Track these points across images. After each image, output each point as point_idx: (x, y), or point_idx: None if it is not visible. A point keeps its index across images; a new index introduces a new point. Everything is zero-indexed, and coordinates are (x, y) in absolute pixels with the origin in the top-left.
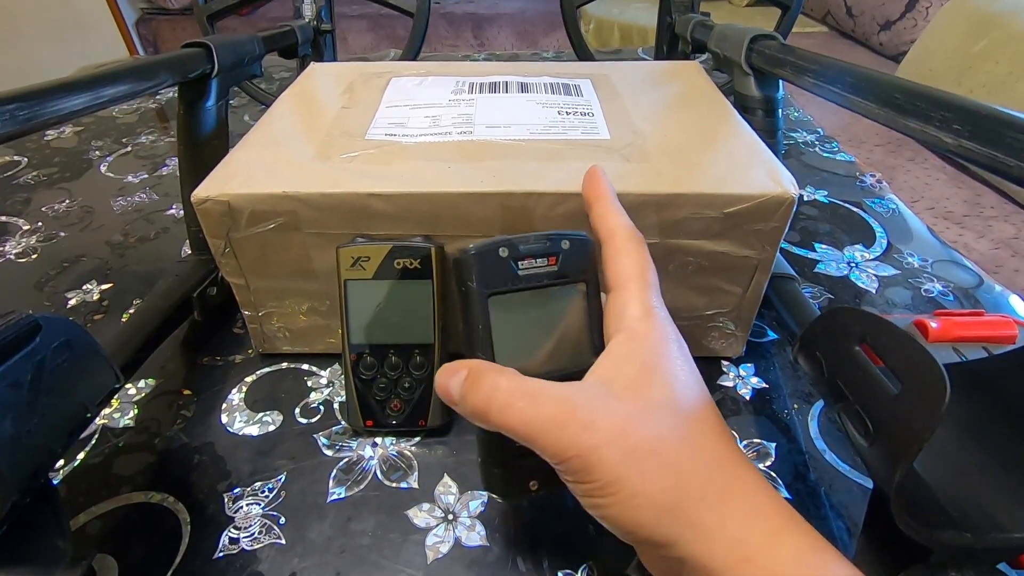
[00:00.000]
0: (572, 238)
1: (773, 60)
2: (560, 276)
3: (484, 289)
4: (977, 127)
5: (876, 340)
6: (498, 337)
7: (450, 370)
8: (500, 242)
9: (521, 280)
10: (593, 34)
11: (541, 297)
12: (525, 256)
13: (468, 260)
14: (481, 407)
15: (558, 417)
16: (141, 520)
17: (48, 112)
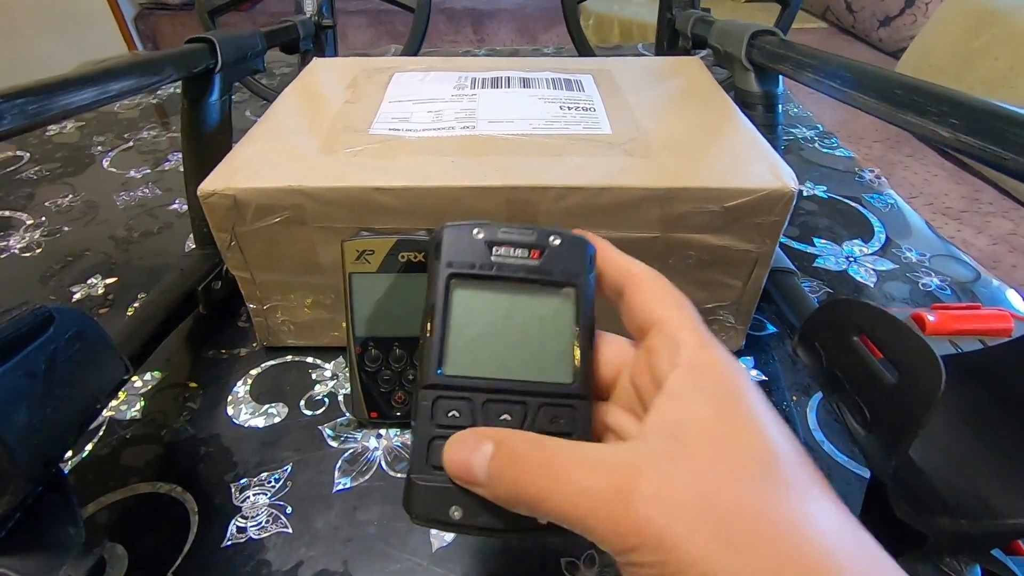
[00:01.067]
0: (565, 236)
1: (773, 56)
2: (542, 273)
3: (446, 267)
4: (975, 122)
5: (874, 331)
6: (455, 326)
7: (467, 443)
8: (478, 224)
9: (493, 266)
10: (593, 30)
11: (516, 293)
12: (503, 242)
13: (439, 234)
14: (519, 492)
15: (616, 490)
16: (150, 510)
17: (56, 107)
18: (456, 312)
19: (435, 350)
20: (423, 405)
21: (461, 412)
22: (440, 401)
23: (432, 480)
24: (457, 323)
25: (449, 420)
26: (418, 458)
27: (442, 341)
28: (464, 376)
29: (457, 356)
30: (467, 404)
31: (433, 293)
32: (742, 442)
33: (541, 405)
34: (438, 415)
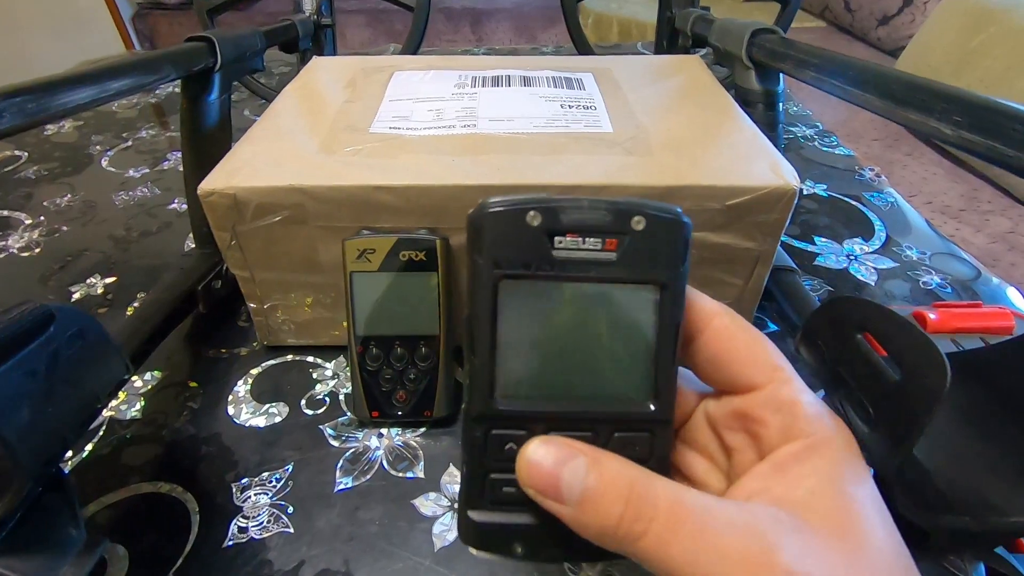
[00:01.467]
0: (653, 214)
1: (774, 54)
2: (622, 270)
3: (493, 267)
4: (977, 118)
5: (877, 328)
6: (508, 344)
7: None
8: (533, 202)
9: (556, 265)
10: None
11: (586, 298)
12: (568, 229)
13: (478, 220)
14: (623, 527)
15: (749, 557)
16: (150, 510)
17: (55, 105)
18: (508, 326)
19: (485, 375)
20: (475, 438)
21: (520, 445)
22: (493, 433)
23: (491, 516)
24: (510, 340)
25: (506, 455)
26: (473, 492)
27: (492, 363)
28: (520, 405)
29: (512, 381)
30: (526, 435)
31: (477, 301)
32: (867, 536)
33: (614, 432)
34: (492, 449)
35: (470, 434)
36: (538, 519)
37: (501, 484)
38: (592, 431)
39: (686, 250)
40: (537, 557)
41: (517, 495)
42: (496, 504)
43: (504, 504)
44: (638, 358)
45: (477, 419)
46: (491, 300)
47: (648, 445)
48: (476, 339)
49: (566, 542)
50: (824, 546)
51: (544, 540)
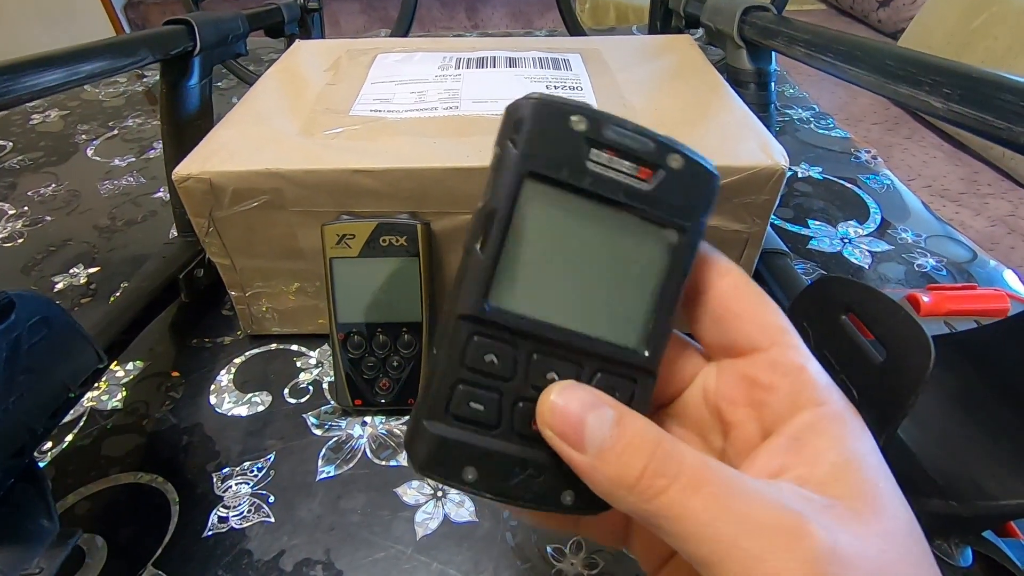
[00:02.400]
0: (691, 157)
1: (765, 31)
2: (648, 203)
3: (524, 160)
4: (966, 90)
5: (863, 309)
6: (517, 245)
7: (582, 396)
8: (582, 108)
9: (587, 177)
10: (589, 13)
11: (607, 220)
12: (609, 144)
13: (520, 108)
14: (644, 480)
15: (780, 528)
16: (130, 500)
17: (22, 87)
18: (523, 226)
19: (484, 272)
20: (455, 338)
21: (501, 359)
22: (475, 339)
23: (448, 431)
24: (521, 242)
25: (484, 366)
26: (434, 401)
27: (496, 261)
28: (515, 314)
29: (511, 286)
30: (510, 351)
31: (496, 190)
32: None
33: (598, 370)
34: (470, 355)
35: (450, 334)
36: (500, 448)
37: (468, 397)
38: (578, 364)
39: (712, 203)
40: (488, 490)
41: (483, 413)
42: (458, 420)
43: (467, 422)
44: (641, 300)
45: (463, 319)
46: (512, 194)
47: (629, 393)
48: (487, 231)
49: (522, 484)
50: (859, 522)
51: (499, 474)
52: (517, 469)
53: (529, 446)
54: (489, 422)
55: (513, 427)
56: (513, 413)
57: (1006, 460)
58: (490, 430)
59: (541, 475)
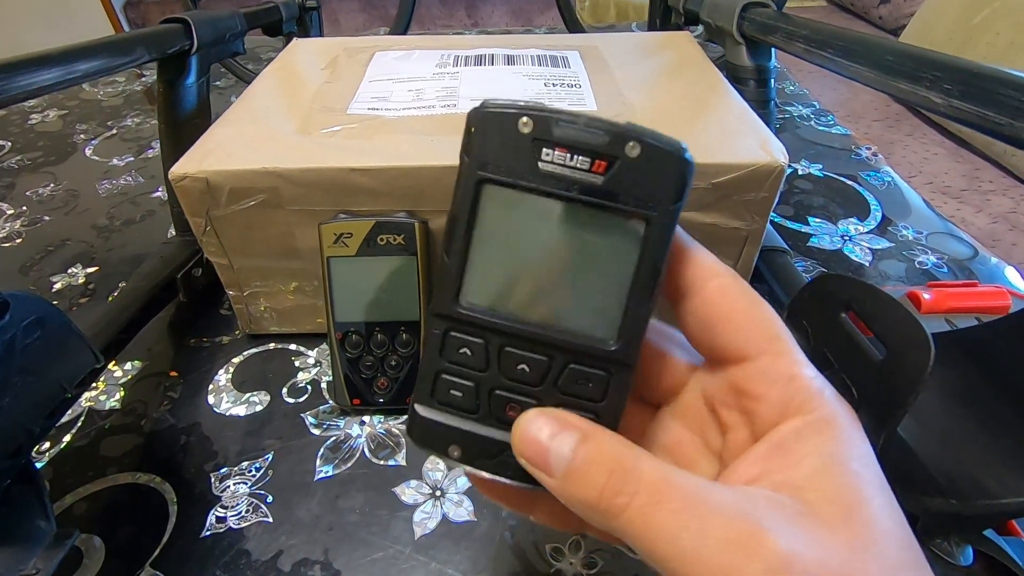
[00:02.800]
0: (650, 142)
1: (765, 27)
2: (606, 196)
3: (477, 168)
4: (967, 86)
5: (862, 306)
6: (479, 247)
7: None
8: (529, 109)
9: (539, 178)
10: (589, 11)
11: (566, 217)
12: (558, 142)
13: (470, 120)
14: (604, 499)
15: (736, 539)
16: (128, 500)
17: (17, 86)
18: (483, 230)
19: (453, 275)
20: (433, 333)
21: (473, 352)
22: (451, 335)
23: (434, 414)
24: (482, 244)
25: (459, 357)
26: (423, 387)
27: (462, 265)
28: (482, 313)
29: (477, 286)
30: (481, 346)
31: (457, 200)
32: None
33: (569, 363)
34: (447, 349)
35: (430, 330)
36: (480, 431)
37: (448, 386)
38: (548, 357)
39: (682, 189)
40: (471, 463)
41: (461, 400)
42: (442, 404)
43: (448, 406)
44: (610, 292)
45: (438, 317)
46: (471, 201)
47: (602, 386)
48: (451, 238)
49: (502, 462)
50: (826, 529)
51: (480, 453)
52: (496, 450)
53: (507, 430)
54: (468, 407)
55: (490, 414)
56: (491, 401)
57: (1007, 458)
58: (470, 414)
59: None
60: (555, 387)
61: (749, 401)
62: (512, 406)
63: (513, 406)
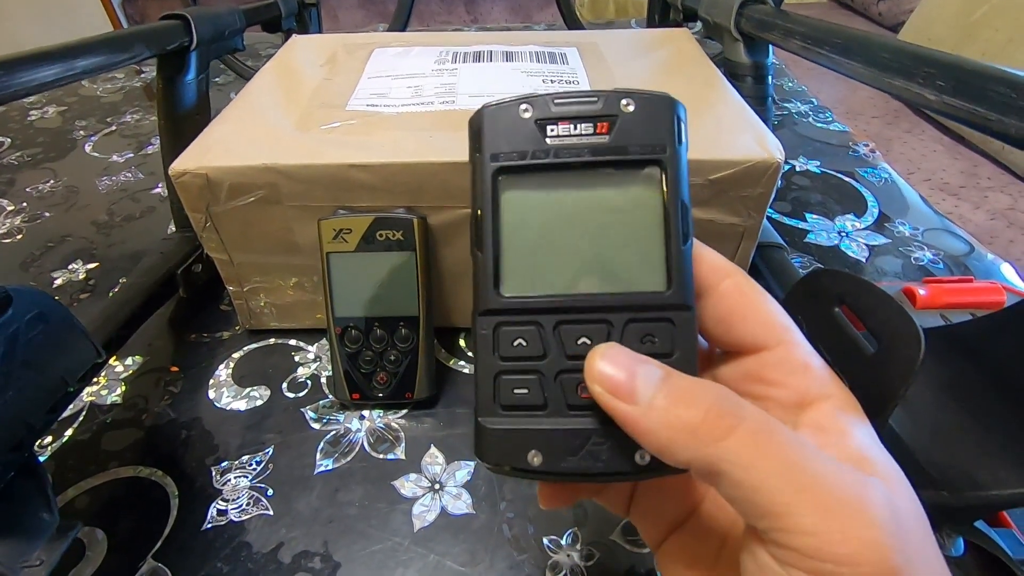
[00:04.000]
0: (640, 96)
1: (762, 24)
2: (615, 152)
3: (490, 161)
4: (959, 82)
5: (855, 301)
6: (510, 235)
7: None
8: (525, 98)
9: (550, 152)
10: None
11: (583, 182)
12: (559, 117)
13: (477, 120)
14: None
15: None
16: (130, 494)
17: (17, 83)
18: (509, 217)
19: (489, 268)
20: (483, 335)
21: (529, 341)
22: (502, 329)
23: (503, 423)
24: (512, 231)
25: (515, 351)
26: (484, 398)
27: (496, 256)
28: (527, 296)
29: (517, 272)
30: (535, 331)
31: (478, 196)
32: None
33: (628, 321)
34: (502, 345)
35: (478, 332)
36: (557, 425)
37: (512, 385)
38: (605, 322)
39: (679, 128)
40: (555, 470)
41: (528, 396)
42: (508, 409)
43: (516, 408)
44: (647, 241)
45: (484, 315)
46: (492, 193)
47: (668, 336)
48: (480, 234)
49: (589, 455)
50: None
51: (563, 450)
52: (579, 441)
53: (584, 416)
54: (536, 403)
55: (563, 401)
56: (558, 387)
57: (998, 451)
58: (541, 410)
59: (607, 441)
60: None
61: (768, 389)
62: (583, 385)
63: (584, 385)
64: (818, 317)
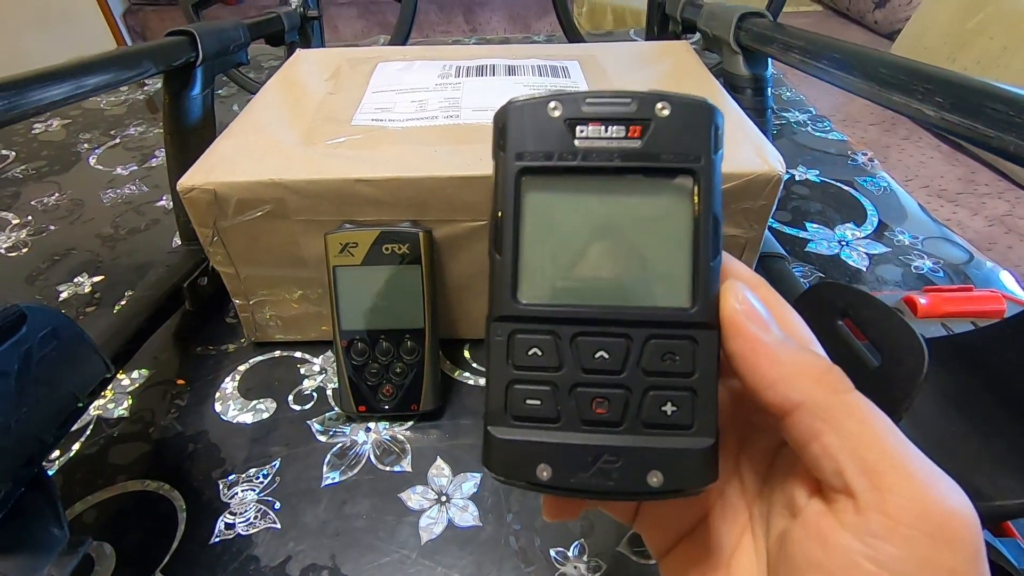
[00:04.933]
0: (678, 100)
1: (761, 38)
2: (647, 159)
3: (515, 160)
4: (958, 99)
5: (858, 313)
6: (531, 239)
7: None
8: (554, 96)
9: (578, 154)
10: (586, 17)
11: (611, 189)
12: (590, 118)
13: (502, 115)
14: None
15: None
16: (137, 508)
17: (29, 102)
18: (532, 221)
19: (507, 272)
20: (497, 341)
21: (544, 351)
22: (517, 337)
23: (513, 433)
24: (534, 235)
25: (530, 360)
26: (495, 406)
27: (515, 260)
28: (546, 304)
29: (536, 278)
30: (551, 341)
31: (500, 196)
32: None
33: (649, 338)
34: (516, 354)
35: (492, 338)
36: (568, 440)
37: (524, 395)
38: (625, 336)
39: (717, 137)
40: (564, 485)
41: (541, 408)
42: (519, 419)
43: (528, 420)
44: (674, 255)
45: (499, 320)
46: (515, 194)
47: (690, 355)
48: (500, 236)
49: (600, 472)
50: None
51: (573, 466)
52: (591, 458)
53: (598, 431)
54: (549, 415)
55: (577, 416)
56: (572, 401)
57: (1001, 460)
58: (553, 423)
59: (619, 459)
60: (639, 368)
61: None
62: (598, 400)
63: (599, 400)
64: (821, 330)
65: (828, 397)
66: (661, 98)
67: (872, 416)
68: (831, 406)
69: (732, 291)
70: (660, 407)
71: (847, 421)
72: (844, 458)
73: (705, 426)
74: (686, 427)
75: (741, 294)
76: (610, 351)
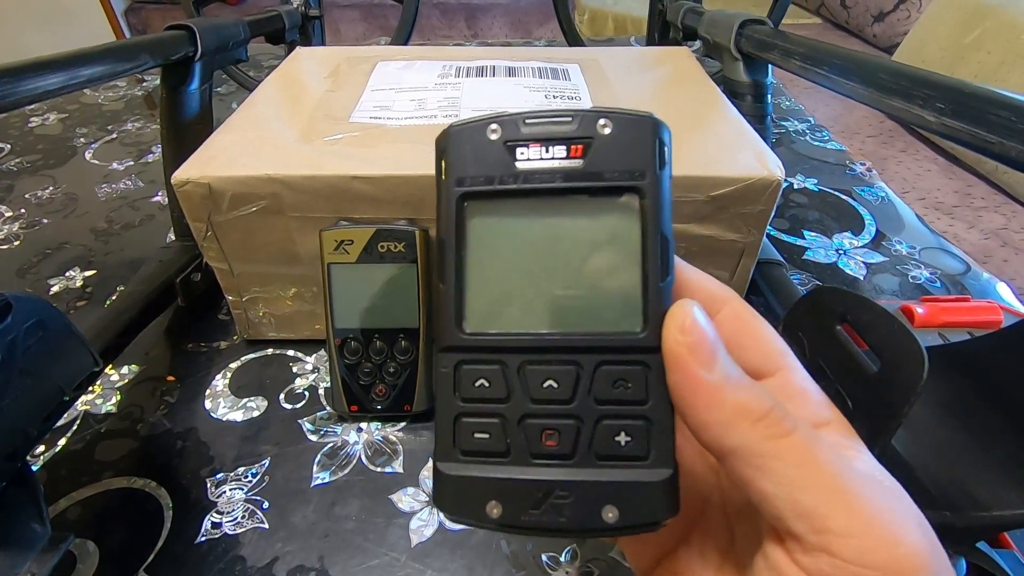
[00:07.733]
0: (620, 117)
1: (762, 44)
2: (590, 178)
3: (455, 186)
4: (959, 105)
5: (857, 319)
6: (475, 266)
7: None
8: (494, 118)
9: (519, 177)
10: (587, 24)
11: (555, 211)
12: (530, 138)
13: (442, 140)
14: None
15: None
16: (123, 505)
17: (22, 91)
18: (475, 247)
19: (451, 301)
20: (443, 373)
21: (492, 382)
22: (464, 368)
23: (462, 469)
24: (478, 262)
25: (477, 391)
26: (443, 441)
27: (460, 288)
28: (492, 333)
29: (481, 307)
30: (499, 371)
31: (442, 224)
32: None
33: (599, 364)
34: (463, 385)
35: (439, 369)
36: (518, 475)
37: (472, 429)
38: (574, 363)
39: (662, 153)
40: (515, 523)
41: (490, 442)
42: (468, 454)
43: (477, 454)
44: (623, 276)
45: (446, 351)
46: (456, 220)
47: (642, 382)
48: (443, 265)
49: (552, 508)
50: None
51: (524, 502)
52: (541, 494)
53: (548, 466)
54: (498, 450)
55: (527, 449)
56: (521, 433)
57: (999, 470)
58: (502, 458)
59: (571, 494)
60: (590, 397)
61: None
62: (548, 432)
63: (549, 432)
64: (820, 335)
65: (762, 443)
66: (602, 115)
67: (813, 457)
68: (764, 453)
69: (677, 318)
70: (613, 437)
71: (781, 466)
72: (780, 505)
73: (662, 456)
74: (642, 458)
75: (688, 320)
76: (559, 380)
